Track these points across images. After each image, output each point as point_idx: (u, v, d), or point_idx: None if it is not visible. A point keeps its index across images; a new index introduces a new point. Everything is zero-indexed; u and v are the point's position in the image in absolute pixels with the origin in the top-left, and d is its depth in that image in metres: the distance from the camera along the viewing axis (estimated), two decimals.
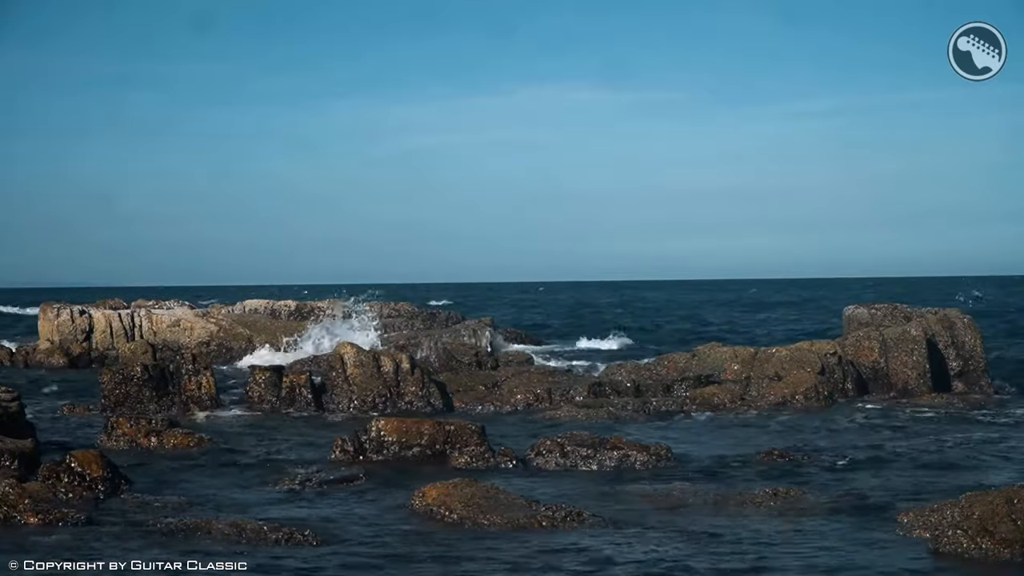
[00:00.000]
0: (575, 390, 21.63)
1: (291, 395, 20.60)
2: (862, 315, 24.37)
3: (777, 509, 11.88)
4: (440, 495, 11.77)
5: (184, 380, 20.61)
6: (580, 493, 12.80)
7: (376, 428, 15.01)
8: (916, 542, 10.46)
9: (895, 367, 21.97)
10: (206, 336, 33.14)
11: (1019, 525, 9.93)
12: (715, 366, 22.07)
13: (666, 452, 15.17)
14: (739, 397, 20.59)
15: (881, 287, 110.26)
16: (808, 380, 20.55)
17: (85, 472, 13.25)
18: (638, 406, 20.51)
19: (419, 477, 13.37)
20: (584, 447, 14.98)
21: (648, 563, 9.89)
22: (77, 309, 34.17)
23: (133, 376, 20.40)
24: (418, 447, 14.89)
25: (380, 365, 20.79)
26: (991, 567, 9.71)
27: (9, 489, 11.45)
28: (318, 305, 35.80)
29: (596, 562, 9.90)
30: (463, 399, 21.43)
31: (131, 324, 33.59)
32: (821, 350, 21.79)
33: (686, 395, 21.10)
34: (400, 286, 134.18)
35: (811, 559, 9.98)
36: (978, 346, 22.92)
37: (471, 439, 14.95)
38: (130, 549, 10.15)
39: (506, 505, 11.60)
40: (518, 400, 21.39)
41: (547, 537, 10.71)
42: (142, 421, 16.82)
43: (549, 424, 18.94)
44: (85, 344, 33.25)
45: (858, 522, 11.36)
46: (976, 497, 10.39)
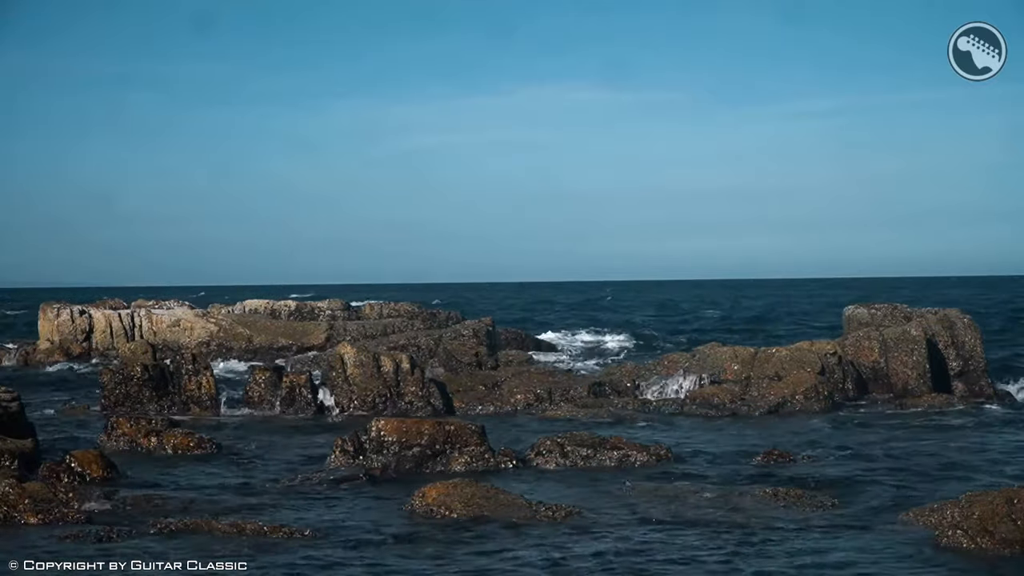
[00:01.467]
0: (575, 390, 21.64)
1: (291, 395, 20.59)
2: (862, 315, 24.35)
3: (777, 508, 11.88)
4: (440, 495, 11.77)
5: (184, 380, 20.61)
6: (580, 493, 12.80)
7: (376, 428, 15.00)
8: (916, 541, 10.46)
9: (895, 367, 21.96)
10: (206, 336, 33.15)
11: (1019, 525, 9.94)
12: (715, 366, 22.06)
13: (666, 452, 15.18)
14: (739, 397, 20.59)
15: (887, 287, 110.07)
16: (808, 380, 20.54)
17: (85, 472, 13.26)
18: (638, 406, 20.50)
19: (419, 477, 13.38)
20: (584, 447, 14.98)
21: (648, 562, 9.89)
22: (77, 309, 34.17)
23: (133, 376, 20.40)
24: (418, 447, 14.89)
25: (380, 365, 20.79)
26: (991, 566, 9.71)
27: (9, 489, 11.45)
28: (318, 305, 35.80)
29: (596, 562, 9.90)
30: (463, 399, 21.43)
31: (131, 324, 33.59)
32: (821, 350, 21.78)
33: (686, 395, 21.10)
34: (400, 286, 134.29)
35: (811, 559, 9.98)
36: (978, 346, 22.90)
37: (471, 439, 14.95)
38: (130, 549, 10.15)
39: (506, 505, 11.60)
40: (518, 400, 21.39)
41: (547, 537, 10.70)
42: (142, 421, 16.81)
43: (549, 424, 18.94)
44: (85, 344, 33.26)
45: (858, 522, 11.36)
46: (976, 497, 10.40)
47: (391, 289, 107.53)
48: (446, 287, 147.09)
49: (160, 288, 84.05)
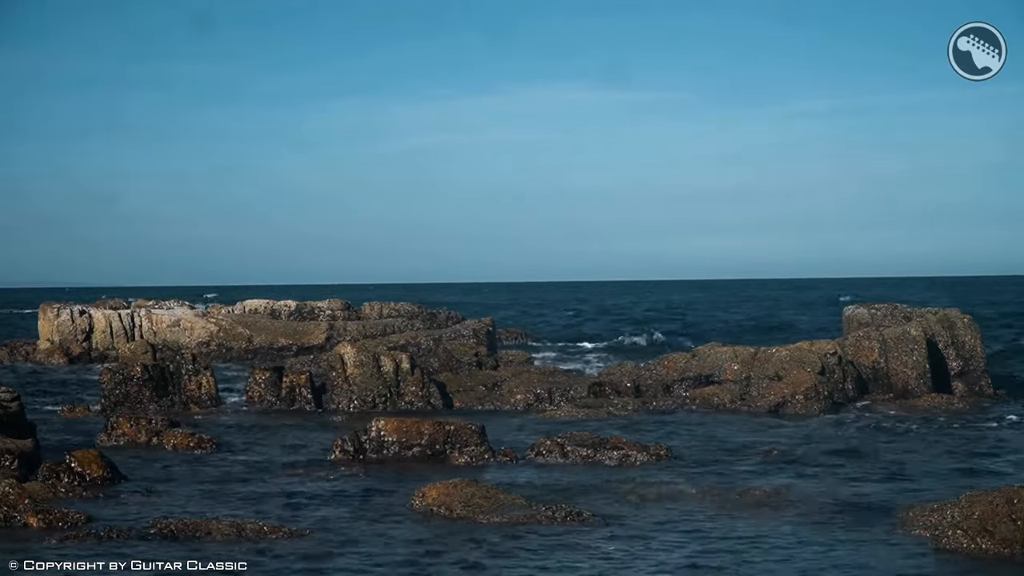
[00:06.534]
0: (575, 390, 21.64)
1: (291, 395, 20.59)
2: (862, 315, 24.35)
3: (777, 508, 11.88)
4: (440, 495, 11.77)
5: (184, 380, 20.62)
6: (580, 493, 12.79)
7: (376, 428, 15.01)
8: (916, 541, 10.47)
9: (895, 367, 21.95)
10: (206, 336, 33.15)
11: (1019, 525, 9.93)
12: (715, 366, 22.05)
13: (666, 452, 15.18)
14: (739, 397, 20.59)
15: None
16: (808, 380, 20.53)
17: (85, 472, 13.26)
18: (638, 406, 20.50)
19: (419, 477, 13.38)
20: (584, 447, 14.99)
21: (648, 562, 9.89)
22: (77, 309, 34.16)
23: (133, 376, 20.40)
24: (418, 447, 14.89)
25: (380, 365, 20.79)
26: (991, 566, 9.71)
27: (9, 489, 11.44)
28: (318, 305, 35.81)
29: (596, 561, 9.90)
30: (463, 399, 21.44)
31: (131, 324, 33.58)
32: (821, 350, 21.77)
33: (686, 395, 21.10)
34: (399, 286, 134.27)
35: (811, 558, 9.98)
36: (978, 346, 22.89)
37: (471, 439, 14.96)
38: (130, 549, 10.15)
39: (506, 505, 11.60)
40: (518, 400, 21.39)
41: (547, 537, 10.70)
42: (142, 421, 16.82)
43: (549, 424, 18.94)
44: (85, 344, 33.24)
45: (858, 521, 11.36)
46: (976, 497, 10.39)
47: (390, 289, 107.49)
48: (446, 287, 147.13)
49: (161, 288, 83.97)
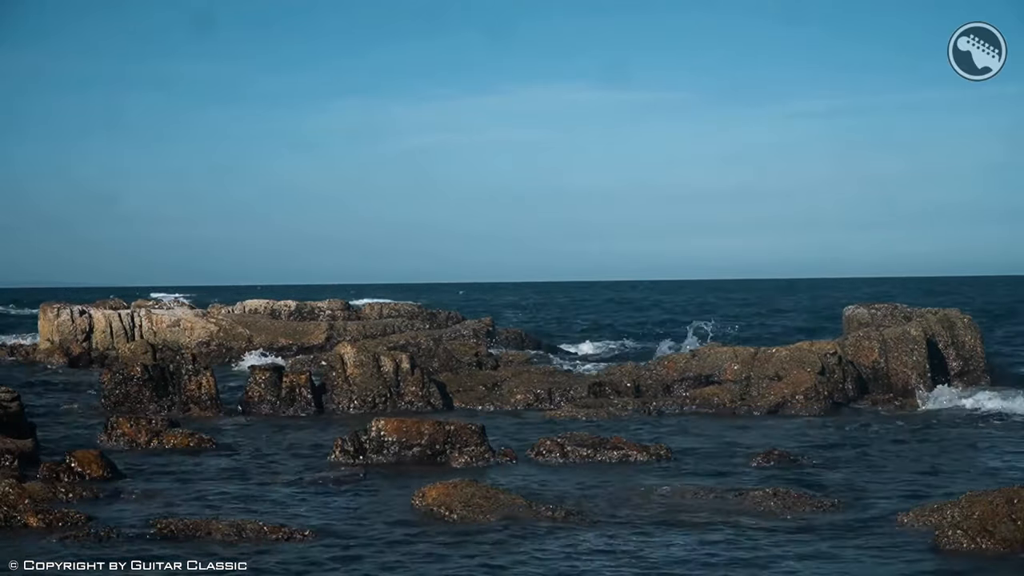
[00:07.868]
0: (575, 390, 21.64)
1: (291, 395, 20.59)
2: (862, 315, 24.35)
3: (776, 509, 11.88)
4: (440, 495, 11.77)
5: (184, 380, 20.60)
6: (580, 493, 12.79)
7: (376, 428, 15.01)
8: (916, 542, 10.46)
9: (895, 367, 21.96)
10: (206, 336, 33.15)
11: (1019, 525, 9.94)
12: (715, 366, 22.06)
13: (666, 452, 15.19)
14: (739, 397, 20.59)
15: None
16: (808, 380, 20.53)
17: (85, 472, 13.26)
18: (638, 406, 20.51)
19: (419, 477, 13.38)
20: (584, 447, 14.99)
21: (648, 562, 9.89)
22: (77, 309, 34.15)
23: (133, 376, 20.39)
24: (418, 447, 14.89)
25: (380, 365, 20.79)
26: (991, 567, 9.71)
27: (9, 489, 11.44)
28: (318, 305, 35.81)
29: (596, 562, 9.90)
30: (463, 399, 21.44)
31: (131, 324, 33.58)
32: (821, 350, 21.77)
33: (686, 395, 21.10)
34: (399, 286, 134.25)
35: (811, 559, 9.98)
36: (978, 346, 22.91)
37: (471, 439, 14.96)
38: (130, 549, 10.15)
39: (506, 505, 11.60)
40: (518, 400, 21.40)
41: (547, 537, 10.71)
42: (142, 421, 16.82)
43: (549, 424, 18.94)
44: (85, 344, 33.22)
45: (858, 522, 11.36)
46: (976, 497, 10.40)
47: (392, 289, 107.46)
48: (446, 287, 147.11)
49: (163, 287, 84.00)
